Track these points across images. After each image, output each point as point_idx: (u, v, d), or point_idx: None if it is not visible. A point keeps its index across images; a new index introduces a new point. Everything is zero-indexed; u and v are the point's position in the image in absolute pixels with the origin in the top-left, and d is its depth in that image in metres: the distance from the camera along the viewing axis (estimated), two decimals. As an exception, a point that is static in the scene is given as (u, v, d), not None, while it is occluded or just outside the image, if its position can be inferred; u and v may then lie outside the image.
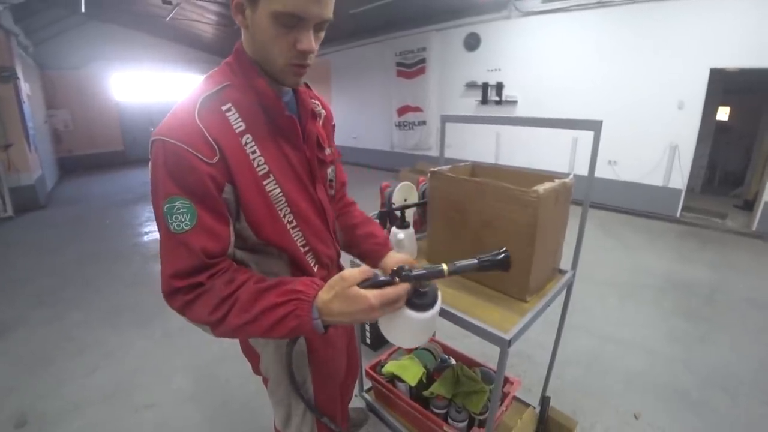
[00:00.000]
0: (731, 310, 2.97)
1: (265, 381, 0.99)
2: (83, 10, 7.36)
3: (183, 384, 2.19)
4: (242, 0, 0.69)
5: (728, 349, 2.47)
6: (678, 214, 5.24)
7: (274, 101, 0.77)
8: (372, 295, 0.63)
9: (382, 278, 0.66)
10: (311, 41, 0.71)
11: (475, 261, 0.72)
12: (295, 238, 0.83)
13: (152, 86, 11.31)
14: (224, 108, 0.73)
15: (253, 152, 0.74)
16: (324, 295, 0.65)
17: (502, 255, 0.73)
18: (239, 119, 0.74)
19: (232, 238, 0.74)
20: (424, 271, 0.67)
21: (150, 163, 0.70)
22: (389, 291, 0.65)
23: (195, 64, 11.71)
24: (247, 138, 0.74)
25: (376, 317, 0.67)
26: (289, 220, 0.81)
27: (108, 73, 10.31)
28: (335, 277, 0.66)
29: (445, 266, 0.68)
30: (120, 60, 10.34)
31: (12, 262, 4.01)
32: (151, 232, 4.91)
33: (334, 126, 1.04)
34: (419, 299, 0.68)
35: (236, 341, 1.00)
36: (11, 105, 5.81)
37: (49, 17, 8.49)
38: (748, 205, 5.44)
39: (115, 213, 5.92)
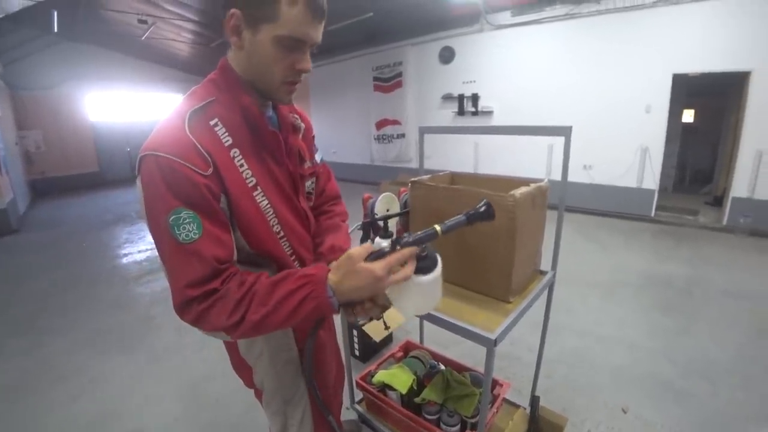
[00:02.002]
0: (708, 302, 3.09)
1: (259, 394, 0.99)
2: (55, 30, 7.25)
3: (170, 406, 2.13)
4: (239, 23, 0.71)
5: (707, 339, 2.57)
6: (652, 214, 5.44)
7: (259, 117, 0.80)
8: (377, 266, 0.68)
9: (386, 249, 0.71)
10: (309, 62, 0.77)
11: (464, 217, 0.78)
12: (284, 247, 0.86)
13: (128, 106, 11.13)
14: (212, 123, 0.75)
15: (241, 165, 0.76)
16: (333, 276, 0.70)
17: (484, 206, 0.80)
18: (226, 133, 0.75)
19: (234, 244, 0.75)
20: (421, 235, 0.72)
21: (140, 181, 0.69)
22: (392, 258, 0.69)
23: (171, 83, 11.62)
24: (235, 152, 0.76)
25: (385, 286, 0.70)
26: (277, 230, 0.84)
27: (82, 93, 10.12)
28: (343, 257, 0.71)
29: (437, 227, 0.74)
30: (95, 80, 10.18)
31: (-17, 291, 3.85)
32: (131, 254, 4.79)
33: (313, 136, 1.07)
34: (421, 263, 0.73)
35: (225, 358, 1.00)
36: (-20, 127, 5.66)
37: (20, 37, 8.34)
38: (718, 201, 5.70)
39: (93, 236, 5.76)
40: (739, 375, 2.21)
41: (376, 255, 0.70)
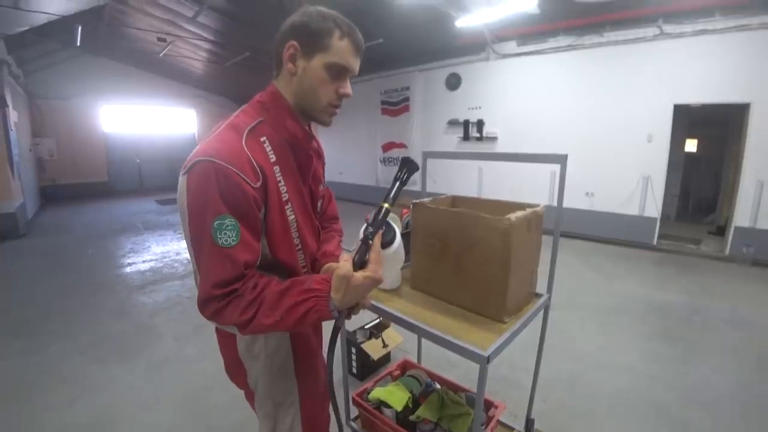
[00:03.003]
0: (709, 330, 3.08)
1: (251, 396, 1.03)
2: (78, 43, 7.54)
3: (166, 415, 2.14)
4: (296, 52, 0.84)
5: (707, 367, 2.56)
6: (655, 242, 5.45)
7: (305, 140, 0.92)
8: (372, 271, 0.78)
9: (362, 247, 0.80)
10: (350, 88, 0.91)
11: (398, 182, 0.88)
12: (299, 259, 0.94)
13: (140, 119, 11.45)
14: (261, 140, 0.85)
15: (280, 181, 0.86)
16: (335, 295, 0.77)
17: (401, 161, 0.90)
18: (272, 151, 0.86)
19: (260, 251, 0.83)
20: (379, 219, 0.83)
21: (189, 181, 0.75)
22: (374, 257, 0.80)
23: (183, 99, 11.98)
24: (276, 168, 0.86)
25: (382, 279, 0.81)
26: (297, 243, 0.92)
27: (97, 104, 10.44)
28: (337, 280, 0.77)
29: (385, 204, 0.85)
30: (110, 92, 10.51)
31: (-12, 294, 3.90)
32: (135, 264, 4.85)
33: (324, 163, 1.15)
34: (384, 238, 0.86)
35: (220, 365, 1.05)
36: (-2, 132, 5.83)
37: (43, 49, 8.68)
38: (721, 231, 5.70)
39: (98, 243, 5.84)
40: (739, 405, 2.19)
41: (360, 260, 0.79)
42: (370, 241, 0.81)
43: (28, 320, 3.28)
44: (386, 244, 0.85)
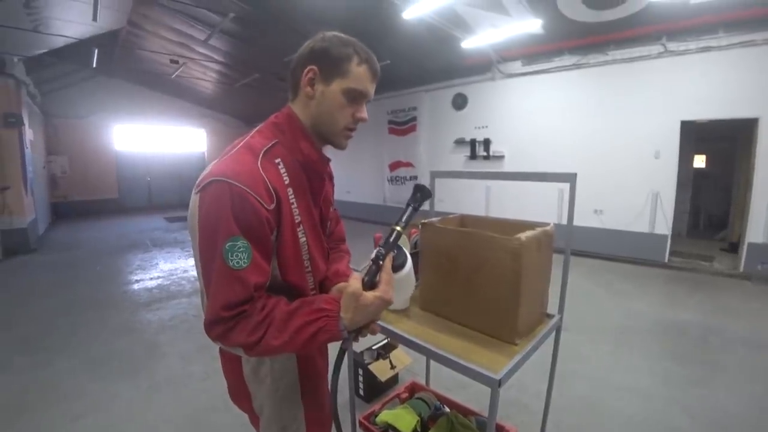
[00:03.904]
0: (725, 351, 2.99)
1: (255, 420, 1.00)
2: (94, 65, 7.80)
3: (169, 438, 2.11)
4: (315, 77, 0.85)
5: (725, 390, 2.47)
6: (666, 259, 5.35)
7: (320, 163, 0.92)
8: (383, 291, 0.78)
9: (372, 268, 0.80)
10: (366, 112, 0.92)
11: (410, 207, 0.89)
12: (309, 281, 0.93)
13: (151, 138, 11.74)
14: (276, 161, 0.85)
15: (293, 203, 0.86)
16: (345, 314, 0.77)
17: (414, 188, 0.92)
18: (286, 173, 0.85)
19: (270, 273, 0.82)
20: (390, 241, 0.83)
21: (202, 200, 0.75)
22: (385, 277, 0.80)
23: (193, 119, 12.30)
24: (290, 191, 0.85)
25: (392, 301, 0.81)
26: (307, 265, 0.91)
27: (110, 123, 10.73)
28: (347, 299, 0.77)
29: (397, 227, 0.85)
30: (123, 112, 10.82)
31: (-4, 308, 3.92)
32: (142, 281, 4.86)
33: (333, 185, 1.16)
34: (396, 261, 0.87)
35: (225, 386, 1.03)
36: (14, 149, 6.00)
37: (60, 70, 9.00)
38: (734, 247, 5.60)
39: (107, 260, 5.88)
40: (760, 429, 2.10)
41: (370, 281, 0.79)
42: (381, 262, 0.80)
43: (34, 335, 3.28)
44: (397, 267, 0.85)
